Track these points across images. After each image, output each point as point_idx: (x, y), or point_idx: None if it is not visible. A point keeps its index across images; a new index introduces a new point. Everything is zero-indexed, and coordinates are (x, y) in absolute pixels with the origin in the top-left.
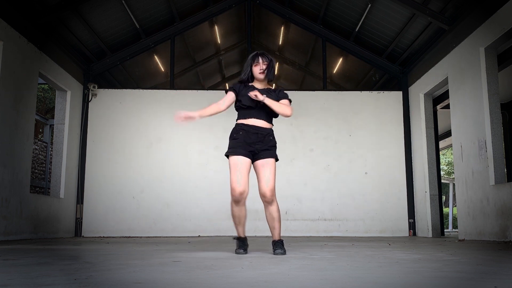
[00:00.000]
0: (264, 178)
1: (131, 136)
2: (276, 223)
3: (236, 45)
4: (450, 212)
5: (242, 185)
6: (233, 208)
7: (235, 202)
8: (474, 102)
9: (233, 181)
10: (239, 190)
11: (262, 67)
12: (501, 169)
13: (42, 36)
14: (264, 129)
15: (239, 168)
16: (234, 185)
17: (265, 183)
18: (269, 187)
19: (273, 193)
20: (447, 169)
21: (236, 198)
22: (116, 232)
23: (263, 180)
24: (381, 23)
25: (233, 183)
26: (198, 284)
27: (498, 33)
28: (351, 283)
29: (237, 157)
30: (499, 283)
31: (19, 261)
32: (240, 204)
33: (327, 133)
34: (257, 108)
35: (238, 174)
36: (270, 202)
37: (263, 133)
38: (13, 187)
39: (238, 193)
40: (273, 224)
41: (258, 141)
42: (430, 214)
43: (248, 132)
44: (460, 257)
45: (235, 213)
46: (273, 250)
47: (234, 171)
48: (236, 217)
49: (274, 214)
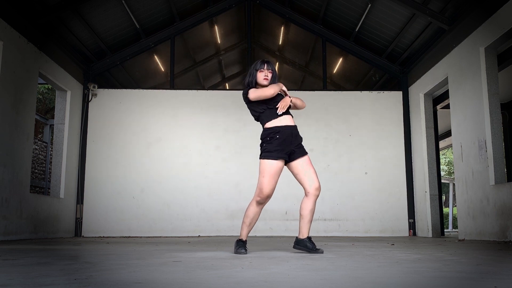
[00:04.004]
0: (312, 175)
1: (131, 136)
2: (312, 216)
3: (236, 45)
4: (450, 212)
5: (272, 190)
6: (252, 209)
7: (259, 204)
8: (474, 102)
9: (265, 184)
10: (268, 193)
11: (267, 74)
12: (501, 169)
13: (42, 36)
14: (294, 127)
15: (273, 173)
16: (266, 189)
17: (315, 178)
18: (319, 182)
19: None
20: (447, 169)
21: (262, 200)
22: (116, 232)
23: (312, 176)
24: (381, 23)
25: (265, 186)
26: (198, 284)
27: (498, 33)
28: (351, 283)
29: (275, 161)
30: (499, 283)
31: (19, 261)
32: (261, 206)
33: (327, 133)
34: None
35: (271, 179)
36: (318, 196)
37: (295, 132)
38: (13, 187)
39: (265, 196)
40: (311, 218)
41: (293, 140)
42: (430, 214)
43: (284, 134)
44: (460, 257)
45: (252, 214)
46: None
47: (268, 174)
48: (250, 218)
49: (314, 208)
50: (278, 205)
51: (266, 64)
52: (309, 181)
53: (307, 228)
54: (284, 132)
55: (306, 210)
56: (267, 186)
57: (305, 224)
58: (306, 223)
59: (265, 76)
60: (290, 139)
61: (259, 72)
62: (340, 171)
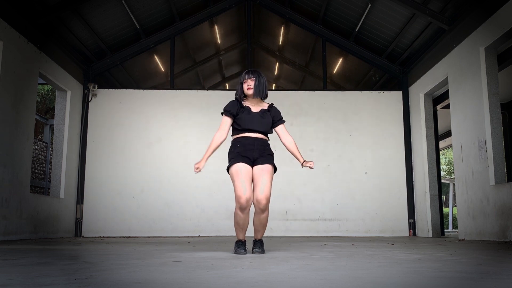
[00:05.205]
0: (261, 185)
1: (131, 136)
2: (262, 228)
3: (236, 45)
4: (450, 212)
5: (247, 192)
6: (238, 216)
7: (241, 210)
8: (474, 102)
9: (238, 188)
10: (245, 197)
11: (249, 83)
12: (501, 169)
13: (42, 36)
14: (260, 139)
15: (241, 176)
16: (239, 193)
17: (261, 189)
18: (265, 194)
19: (268, 201)
20: (447, 169)
21: (242, 205)
22: (116, 232)
23: (260, 186)
24: (381, 23)
25: (239, 191)
26: (198, 284)
27: (498, 33)
28: (351, 283)
29: (237, 165)
30: (499, 283)
31: (19, 261)
32: (246, 211)
33: (327, 133)
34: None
35: (242, 182)
36: (263, 210)
37: (259, 142)
38: (13, 187)
39: (245, 200)
40: (259, 228)
41: (255, 148)
42: (430, 214)
43: (244, 143)
44: (460, 257)
45: (240, 220)
46: (252, 249)
47: (237, 179)
48: (240, 224)
49: (263, 221)
50: (278, 205)
51: (247, 74)
52: (256, 192)
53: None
54: (245, 142)
55: (255, 223)
56: (239, 189)
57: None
58: (256, 231)
59: (248, 86)
60: (253, 146)
61: (243, 84)
62: (340, 171)
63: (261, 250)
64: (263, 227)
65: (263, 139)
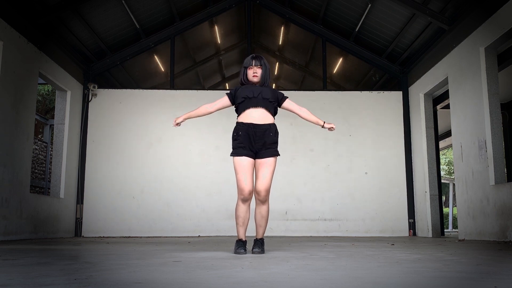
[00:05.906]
0: (261, 178)
1: (131, 136)
2: (264, 221)
3: (236, 45)
4: (450, 212)
5: (249, 185)
6: (240, 208)
7: (243, 201)
8: (474, 102)
9: (240, 181)
10: (248, 189)
11: (256, 71)
12: (501, 169)
13: (42, 36)
14: (261, 125)
15: (243, 169)
16: (242, 185)
17: (262, 181)
18: (265, 186)
19: (268, 192)
20: (447, 169)
21: (245, 197)
22: (116, 232)
23: (260, 178)
24: (381, 23)
25: (241, 183)
26: (198, 284)
27: (498, 33)
28: (351, 283)
29: (240, 158)
30: (499, 283)
31: (19, 261)
32: (247, 203)
33: (327, 133)
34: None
35: (243, 174)
36: (263, 201)
37: (262, 130)
38: (13, 187)
39: (247, 192)
40: (261, 222)
41: (257, 139)
42: (430, 214)
43: (246, 132)
44: (460, 257)
45: (241, 213)
46: (251, 248)
47: (240, 171)
48: (241, 217)
49: (264, 213)
50: (278, 205)
51: (255, 60)
52: (257, 184)
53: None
54: (247, 131)
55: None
56: (242, 181)
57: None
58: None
59: (254, 73)
60: (254, 138)
61: (248, 70)
62: (340, 171)
63: (261, 250)
64: (265, 220)
65: (265, 125)
